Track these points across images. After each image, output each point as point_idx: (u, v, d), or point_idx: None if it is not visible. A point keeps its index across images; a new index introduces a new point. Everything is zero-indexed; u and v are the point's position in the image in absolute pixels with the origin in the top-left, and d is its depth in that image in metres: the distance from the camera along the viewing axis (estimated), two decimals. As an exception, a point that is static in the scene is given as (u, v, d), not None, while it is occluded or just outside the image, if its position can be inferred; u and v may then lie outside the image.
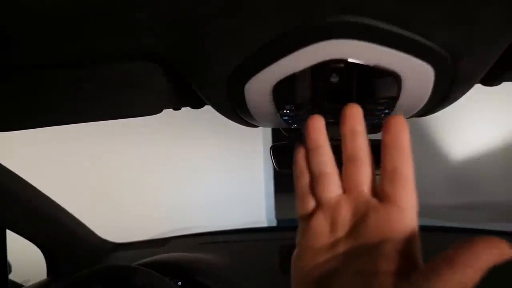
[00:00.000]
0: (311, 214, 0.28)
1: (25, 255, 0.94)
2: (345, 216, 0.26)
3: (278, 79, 0.28)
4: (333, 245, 0.26)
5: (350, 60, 0.26)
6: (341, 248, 0.26)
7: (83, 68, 0.31)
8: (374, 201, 0.26)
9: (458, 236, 0.87)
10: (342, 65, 0.26)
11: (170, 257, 0.91)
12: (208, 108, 0.41)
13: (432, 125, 3.25)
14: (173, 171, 2.22)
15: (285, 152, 0.64)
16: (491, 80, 0.36)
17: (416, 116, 0.41)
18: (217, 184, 2.32)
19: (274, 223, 1.76)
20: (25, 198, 0.76)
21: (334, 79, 0.28)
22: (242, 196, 2.36)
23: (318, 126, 0.28)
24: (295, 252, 0.29)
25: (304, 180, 0.29)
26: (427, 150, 3.31)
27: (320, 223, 0.27)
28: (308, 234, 0.28)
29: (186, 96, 0.39)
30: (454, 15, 0.22)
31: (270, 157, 0.64)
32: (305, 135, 0.29)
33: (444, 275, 0.20)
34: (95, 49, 0.29)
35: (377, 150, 0.57)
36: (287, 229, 1.10)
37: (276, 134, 2.34)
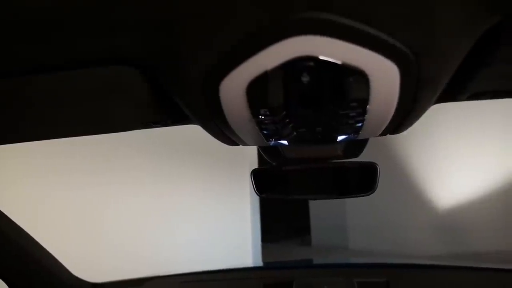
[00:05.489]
0: None
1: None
2: None
3: (251, 79, 0.29)
4: None
5: (318, 57, 0.27)
6: None
7: (57, 73, 0.31)
8: None
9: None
10: (311, 63, 0.27)
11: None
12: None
13: (420, 176, 3.26)
14: (159, 218, 2.16)
15: (265, 176, 0.64)
16: (456, 90, 0.38)
17: (389, 133, 0.42)
18: (203, 231, 2.27)
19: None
20: None
21: (305, 78, 0.29)
22: (228, 243, 2.30)
23: None
24: None
25: None
26: (415, 201, 3.30)
27: None
28: None
29: (165, 106, 0.40)
30: (414, 14, 0.24)
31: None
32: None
33: None
34: (70, 51, 0.29)
35: (354, 172, 0.59)
36: (269, 268, 1.08)
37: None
